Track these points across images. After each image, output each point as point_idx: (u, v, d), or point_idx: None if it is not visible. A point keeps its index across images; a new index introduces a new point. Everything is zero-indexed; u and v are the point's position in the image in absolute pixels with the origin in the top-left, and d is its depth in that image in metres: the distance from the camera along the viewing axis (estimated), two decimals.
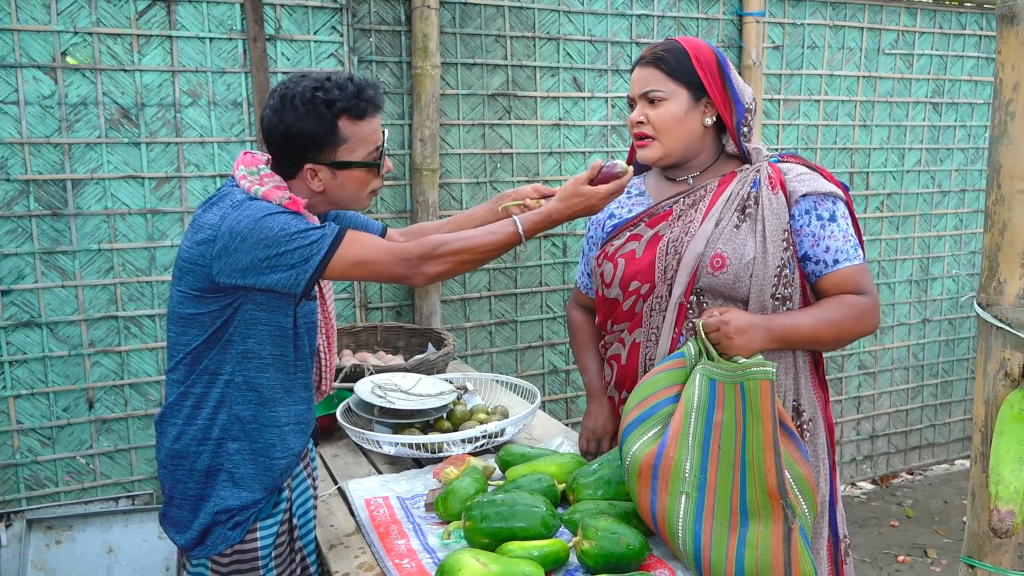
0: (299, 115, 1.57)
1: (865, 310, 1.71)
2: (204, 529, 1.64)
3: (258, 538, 1.67)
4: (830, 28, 4.10)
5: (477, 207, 1.96)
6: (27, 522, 2.71)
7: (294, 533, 1.75)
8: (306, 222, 1.55)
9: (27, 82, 2.69)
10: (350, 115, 1.59)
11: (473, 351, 3.55)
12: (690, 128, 1.77)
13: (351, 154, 1.61)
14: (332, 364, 1.88)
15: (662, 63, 1.76)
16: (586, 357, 2.06)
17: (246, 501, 1.64)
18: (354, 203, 1.69)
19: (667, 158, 1.79)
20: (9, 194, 2.72)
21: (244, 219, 1.52)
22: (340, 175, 1.63)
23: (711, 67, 1.75)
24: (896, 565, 3.78)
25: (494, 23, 3.39)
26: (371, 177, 1.66)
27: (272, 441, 1.66)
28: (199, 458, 1.64)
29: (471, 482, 1.76)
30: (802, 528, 1.45)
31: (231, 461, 1.64)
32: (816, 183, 1.74)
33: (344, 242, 1.54)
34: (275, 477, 1.67)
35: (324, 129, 1.58)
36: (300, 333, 1.67)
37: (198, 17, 2.89)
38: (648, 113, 1.77)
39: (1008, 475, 1.01)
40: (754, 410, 1.43)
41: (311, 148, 1.60)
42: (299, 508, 1.77)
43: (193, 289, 1.59)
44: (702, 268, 1.72)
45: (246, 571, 1.66)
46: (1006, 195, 1.12)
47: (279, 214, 1.53)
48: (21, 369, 2.79)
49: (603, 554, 1.48)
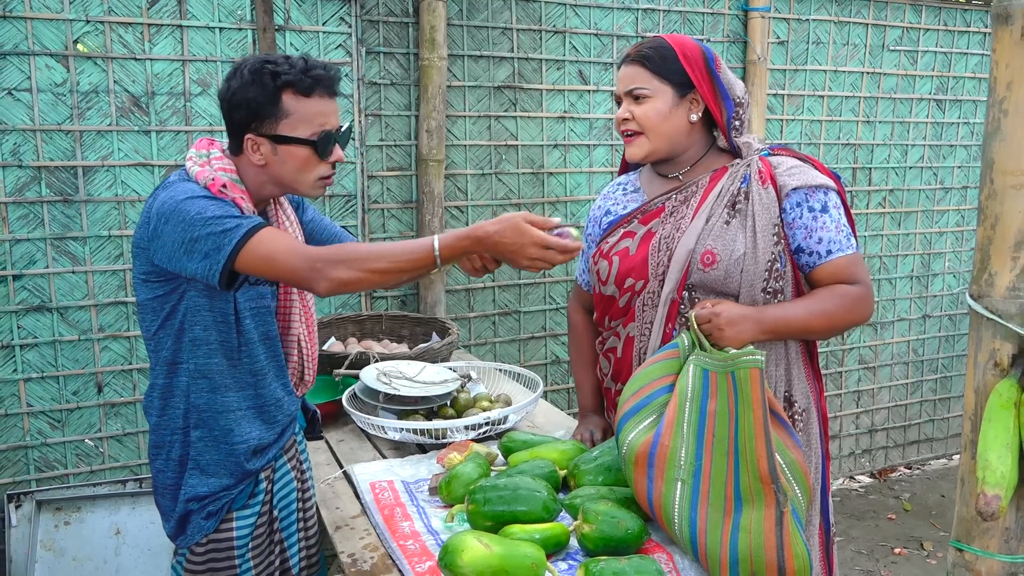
0: (244, 83, 1.57)
1: (857, 299, 1.73)
2: (181, 518, 1.69)
3: (234, 528, 1.69)
4: (835, 24, 4.12)
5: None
6: (37, 503, 2.76)
7: (274, 525, 1.77)
8: (226, 208, 1.51)
9: (40, 70, 2.73)
10: (295, 89, 1.57)
11: (476, 340, 3.59)
12: (675, 125, 1.79)
13: (292, 130, 1.58)
14: (314, 354, 1.86)
15: (647, 61, 1.78)
16: (582, 374, 2.11)
17: (214, 488, 1.67)
18: (298, 185, 1.64)
19: (653, 155, 1.82)
20: (21, 180, 2.75)
21: (168, 200, 1.52)
22: (280, 151, 1.60)
23: (698, 63, 1.77)
24: (892, 557, 3.82)
25: (501, 15, 3.42)
26: (315, 160, 1.61)
27: (228, 427, 1.67)
28: (172, 447, 1.69)
29: (474, 467, 1.79)
30: (795, 512, 1.49)
31: (195, 449, 1.68)
32: (806, 175, 1.75)
33: (257, 236, 1.49)
34: (240, 463, 1.68)
35: (266, 99, 1.56)
36: (243, 318, 1.66)
37: (208, 7, 2.92)
38: (633, 110, 1.79)
39: (995, 461, 1.05)
40: (745, 398, 1.46)
41: (253, 118, 1.59)
42: (280, 501, 1.78)
43: (141, 273, 1.61)
44: (693, 264, 1.74)
45: (222, 560, 1.69)
46: (998, 190, 1.15)
47: (200, 198, 1.51)
48: (32, 353, 2.84)
49: (603, 538, 1.51)
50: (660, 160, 1.85)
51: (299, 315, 1.80)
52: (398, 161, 3.35)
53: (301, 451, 1.88)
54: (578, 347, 2.13)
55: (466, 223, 3.48)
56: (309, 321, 1.84)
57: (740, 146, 1.82)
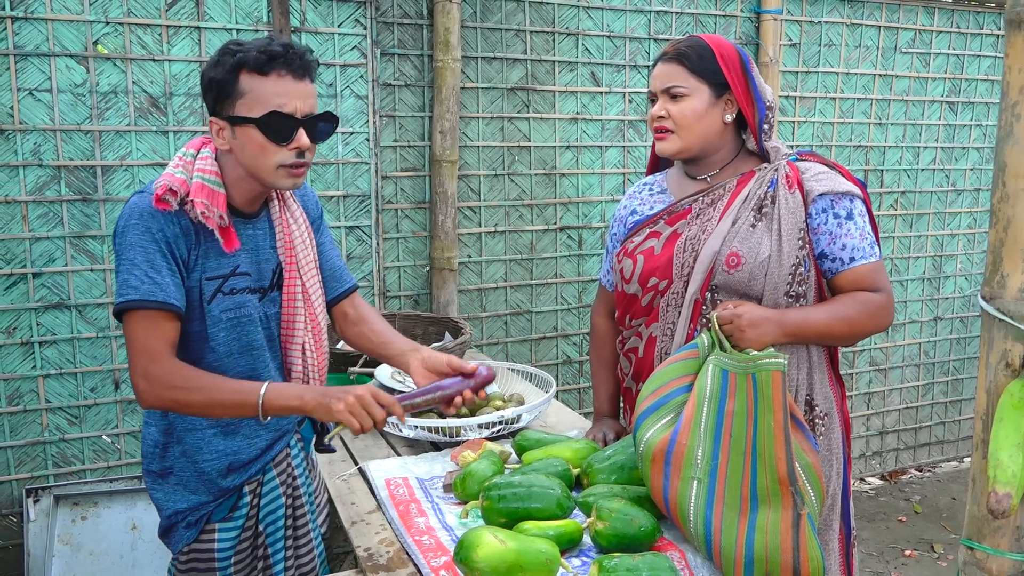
0: (210, 65, 1.56)
1: (879, 307, 1.74)
2: (166, 527, 1.72)
3: (215, 539, 1.69)
4: (847, 26, 4.13)
5: (399, 340, 1.86)
6: (54, 498, 2.80)
7: (258, 540, 1.75)
8: (143, 255, 1.52)
9: (60, 71, 2.77)
10: (249, 67, 1.51)
11: (489, 340, 3.61)
12: (710, 125, 1.79)
13: (248, 110, 1.53)
14: (322, 363, 1.81)
15: (685, 59, 1.78)
16: (600, 376, 2.12)
17: (192, 503, 1.68)
18: (259, 172, 1.58)
19: (685, 152, 1.82)
20: (41, 179, 2.79)
21: (119, 219, 1.57)
22: (238, 133, 1.55)
23: (735, 65, 1.78)
24: (903, 559, 3.82)
25: (514, 18, 3.44)
26: (271, 145, 1.54)
27: (197, 444, 1.67)
28: (153, 461, 1.71)
29: (488, 464, 1.81)
30: (810, 515, 1.50)
31: (176, 464, 1.69)
32: (833, 182, 1.76)
33: (129, 315, 1.52)
34: (213, 479, 1.68)
35: (224, 78, 1.53)
36: (217, 332, 1.62)
37: (226, 9, 2.95)
38: (669, 108, 1.79)
39: (1006, 460, 1.07)
40: (766, 400, 1.47)
41: (216, 100, 1.56)
42: (266, 516, 1.76)
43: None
44: (718, 266, 1.75)
45: (203, 571, 1.69)
46: (1010, 193, 1.17)
47: (130, 231, 1.53)
48: (51, 350, 2.88)
49: (616, 535, 1.53)
50: (690, 159, 1.85)
51: (304, 322, 1.75)
52: (412, 162, 3.37)
53: (296, 465, 1.82)
54: (599, 351, 2.13)
55: (479, 223, 3.51)
56: (316, 329, 1.78)
57: (769, 150, 1.82)
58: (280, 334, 1.76)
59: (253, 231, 1.69)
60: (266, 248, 1.71)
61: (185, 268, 1.57)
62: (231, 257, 1.63)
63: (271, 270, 1.71)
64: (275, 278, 1.72)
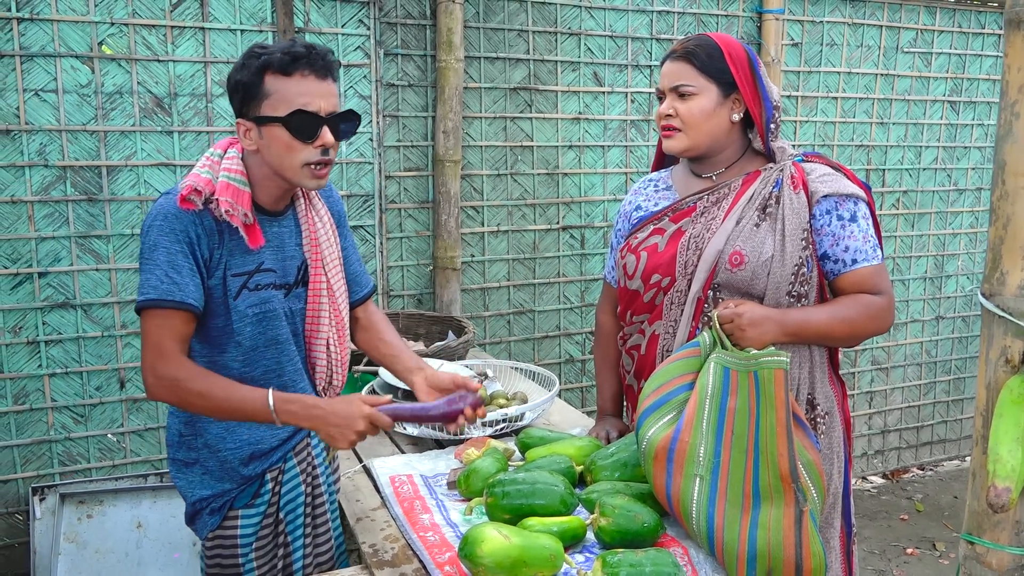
0: (236, 68, 1.60)
1: (880, 309, 1.75)
2: (192, 514, 1.76)
3: (238, 525, 1.74)
4: (849, 26, 4.14)
5: (406, 356, 1.90)
6: (60, 496, 2.81)
7: (279, 527, 1.79)
8: (165, 255, 1.56)
9: (65, 71, 2.78)
10: (274, 68, 1.56)
11: (491, 339, 3.62)
12: (717, 123, 1.80)
13: (273, 110, 1.57)
14: (344, 358, 1.86)
15: (694, 58, 1.79)
16: (604, 375, 2.13)
17: (216, 491, 1.73)
18: (285, 171, 1.62)
19: (692, 150, 1.83)
20: (47, 179, 2.81)
21: (146, 218, 1.61)
22: (264, 133, 1.59)
23: (743, 64, 1.78)
24: (904, 557, 3.83)
25: (517, 18, 3.46)
26: (296, 143, 1.58)
27: (220, 434, 1.72)
28: (179, 451, 1.76)
29: (492, 462, 1.82)
30: (812, 512, 1.51)
31: (201, 454, 1.74)
32: (838, 184, 1.76)
33: (147, 312, 1.57)
34: (235, 467, 1.72)
35: (250, 80, 1.57)
36: (243, 327, 1.66)
37: (230, 9, 2.97)
38: (677, 106, 1.80)
39: (1005, 454, 1.08)
40: (767, 398, 1.47)
41: (242, 102, 1.61)
42: (287, 504, 1.80)
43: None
44: (721, 264, 1.76)
45: (227, 556, 1.74)
46: (1010, 191, 1.18)
47: (154, 231, 1.57)
48: (56, 349, 2.89)
49: (619, 531, 1.54)
50: (697, 158, 1.86)
51: (328, 318, 1.80)
52: (415, 161, 3.39)
53: (316, 455, 1.87)
54: (603, 349, 2.14)
55: (482, 223, 3.52)
56: (339, 324, 1.83)
57: (775, 150, 1.83)
58: (304, 329, 1.81)
59: (279, 228, 1.73)
60: (292, 245, 1.75)
61: (207, 267, 1.62)
62: (256, 254, 1.67)
63: (296, 267, 1.76)
64: (300, 274, 1.77)
